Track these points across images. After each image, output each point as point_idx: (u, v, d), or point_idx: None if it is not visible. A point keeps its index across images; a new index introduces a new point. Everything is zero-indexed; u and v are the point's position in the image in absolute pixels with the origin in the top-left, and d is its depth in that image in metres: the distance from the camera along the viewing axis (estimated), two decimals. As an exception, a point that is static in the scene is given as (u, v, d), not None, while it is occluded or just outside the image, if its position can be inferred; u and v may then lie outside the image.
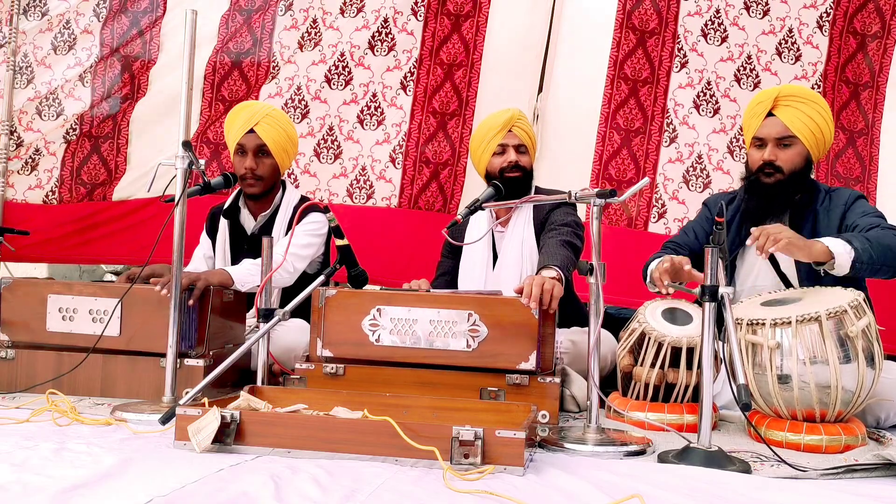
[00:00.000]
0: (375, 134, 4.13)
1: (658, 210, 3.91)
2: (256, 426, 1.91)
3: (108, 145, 4.06)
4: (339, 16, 4.06)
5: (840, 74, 3.77)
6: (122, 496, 1.54)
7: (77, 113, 3.98)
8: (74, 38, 3.99)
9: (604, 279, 2.14)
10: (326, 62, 4.07)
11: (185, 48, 2.43)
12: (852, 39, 3.76)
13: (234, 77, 4.06)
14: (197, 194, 2.62)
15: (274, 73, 4.06)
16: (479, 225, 3.17)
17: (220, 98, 4.07)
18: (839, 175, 3.74)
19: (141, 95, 4.04)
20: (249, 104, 3.33)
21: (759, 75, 3.84)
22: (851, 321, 2.21)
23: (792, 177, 2.73)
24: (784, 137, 2.72)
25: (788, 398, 2.25)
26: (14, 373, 2.70)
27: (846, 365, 2.21)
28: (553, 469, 1.85)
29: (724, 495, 1.69)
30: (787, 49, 3.81)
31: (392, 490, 1.64)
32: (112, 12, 3.99)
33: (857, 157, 3.75)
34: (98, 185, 4.08)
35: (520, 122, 3.09)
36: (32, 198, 4.04)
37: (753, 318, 2.30)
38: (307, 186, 4.15)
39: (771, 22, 3.84)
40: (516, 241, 3.07)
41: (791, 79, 3.81)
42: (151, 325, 2.61)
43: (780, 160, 2.72)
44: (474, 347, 2.44)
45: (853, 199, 2.73)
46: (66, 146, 4.01)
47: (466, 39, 4.07)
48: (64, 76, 3.97)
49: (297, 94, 4.08)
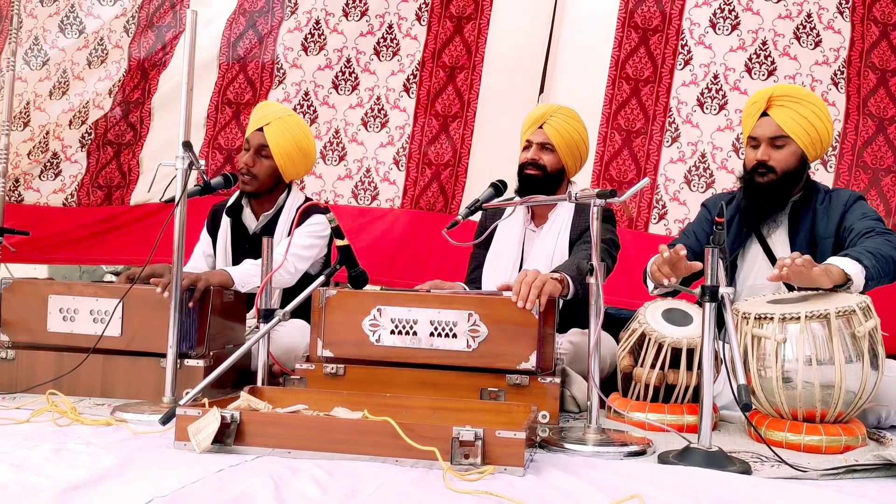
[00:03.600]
0: (379, 136, 4.17)
1: (659, 211, 3.91)
2: (256, 426, 1.91)
3: (127, 152, 4.23)
4: (342, 18, 4.08)
5: (866, 60, 3.67)
6: (122, 496, 1.54)
7: (95, 119, 4.16)
8: (106, 53, 4.15)
9: (604, 279, 2.14)
10: (333, 68, 4.15)
11: (186, 49, 2.43)
12: (874, 27, 3.67)
13: (239, 81, 4.11)
14: (197, 195, 2.62)
15: (280, 77, 4.10)
16: (512, 222, 3.09)
17: (227, 101, 4.11)
18: (866, 165, 3.66)
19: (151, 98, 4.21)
20: (269, 104, 3.39)
21: (774, 62, 3.76)
22: (860, 321, 2.21)
23: (785, 177, 2.74)
24: (777, 137, 2.73)
25: (791, 396, 2.24)
26: (14, 373, 2.70)
27: (851, 365, 2.20)
28: (553, 469, 1.85)
29: (725, 496, 1.69)
30: (805, 34, 3.72)
31: (392, 490, 1.64)
32: (140, 28, 4.13)
33: (889, 146, 3.65)
34: (115, 189, 4.22)
35: (553, 118, 3.03)
36: (54, 201, 4.22)
37: (761, 313, 2.30)
38: (313, 188, 4.21)
39: (787, 6, 3.75)
40: (548, 245, 3.01)
41: (812, 64, 3.72)
42: (152, 326, 2.61)
43: (773, 160, 2.73)
44: (474, 347, 2.43)
45: (853, 200, 2.74)
46: (87, 153, 4.18)
47: (468, 41, 4.08)
48: (95, 89, 4.12)
49: (305, 99, 4.16)
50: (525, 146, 3.08)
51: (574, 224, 3.02)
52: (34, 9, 4.05)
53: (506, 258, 3.08)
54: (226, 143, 4.15)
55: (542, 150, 3.03)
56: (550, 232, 3.03)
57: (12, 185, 4.11)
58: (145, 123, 4.21)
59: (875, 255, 2.40)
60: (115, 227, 4.21)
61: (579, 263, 2.65)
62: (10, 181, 4.01)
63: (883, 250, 2.44)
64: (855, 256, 2.40)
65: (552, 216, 3.06)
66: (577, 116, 3.11)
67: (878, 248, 2.44)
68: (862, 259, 2.38)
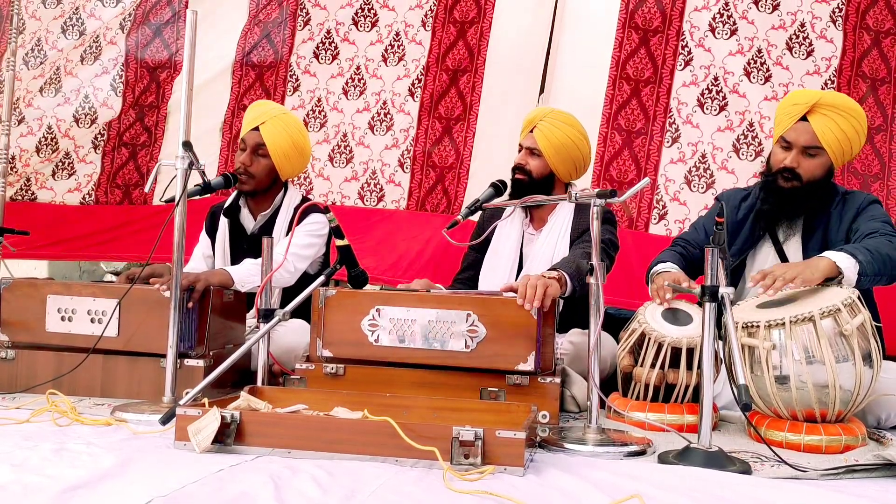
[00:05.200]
0: (385, 139, 4.23)
1: (659, 211, 3.91)
2: (256, 426, 1.91)
3: (143, 153, 4.34)
4: (352, 27, 4.18)
5: (856, 69, 3.68)
6: (122, 496, 1.54)
7: (108, 120, 4.24)
8: (100, 50, 4.21)
9: (604, 279, 2.14)
10: (344, 75, 4.23)
11: (186, 49, 2.43)
12: (866, 35, 3.68)
13: (255, 88, 4.24)
14: (197, 195, 2.62)
15: (294, 83, 4.23)
16: (510, 225, 3.09)
17: (243, 107, 4.24)
18: (856, 172, 3.66)
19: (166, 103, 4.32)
20: (263, 103, 3.39)
21: (769, 69, 3.76)
22: (846, 319, 2.20)
23: (809, 185, 2.68)
24: (811, 147, 2.65)
25: (787, 398, 2.24)
26: (14, 373, 2.70)
27: (843, 364, 2.20)
28: (553, 469, 1.85)
29: (725, 496, 1.69)
30: (798, 44, 3.73)
31: (392, 490, 1.64)
32: (136, 23, 4.20)
33: (876, 154, 3.67)
34: (133, 188, 4.33)
35: (542, 123, 3.00)
36: (70, 200, 4.30)
37: (748, 321, 2.29)
38: (321, 189, 4.28)
39: (781, 16, 3.76)
40: (548, 248, 2.99)
41: (803, 74, 3.73)
42: (150, 326, 2.61)
43: (802, 168, 2.67)
44: (473, 348, 2.42)
45: (866, 203, 2.69)
46: (101, 154, 4.27)
47: (471, 45, 4.12)
48: (92, 84, 4.19)
49: (317, 105, 4.25)
50: (519, 149, 3.08)
51: (574, 226, 3.00)
52: (36, 10, 4.09)
53: (503, 261, 3.06)
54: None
55: (529, 155, 3.02)
56: (550, 235, 3.02)
57: (24, 184, 4.18)
58: (160, 127, 4.33)
59: (872, 252, 2.39)
60: (134, 224, 4.32)
61: (578, 262, 2.64)
62: (21, 179, 4.08)
63: (882, 249, 2.42)
64: (850, 251, 2.39)
65: (551, 219, 3.05)
66: (571, 121, 3.04)
67: (876, 247, 2.43)
68: (856, 254, 2.37)
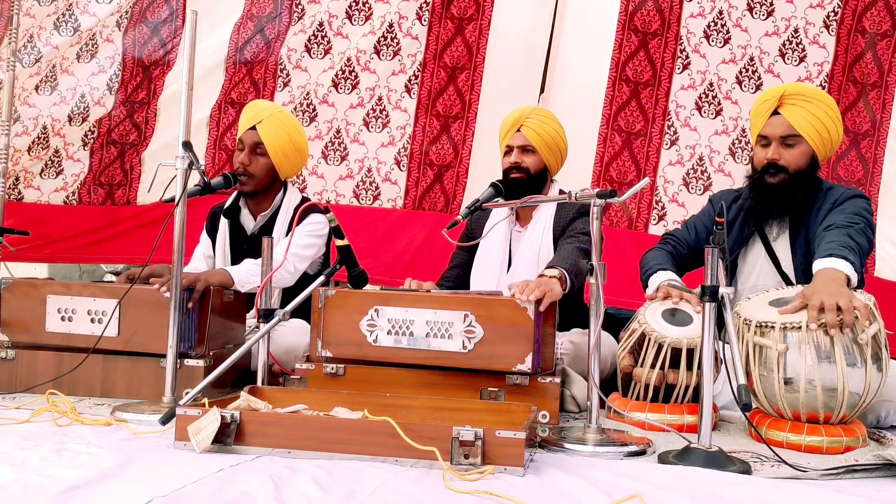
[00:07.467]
0: (381, 136, 4.17)
1: (658, 212, 3.92)
2: (256, 426, 1.91)
3: (131, 151, 4.21)
4: (345, 20, 4.10)
5: (847, 74, 3.70)
6: (122, 496, 1.54)
7: (98, 118, 4.12)
8: (97, 48, 4.11)
9: (604, 279, 2.14)
10: (334, 67, 4.13)
11: (186, 49, 2.43)
12: (860, 38, 3.69)
13: (244, 83, 4.14)
14: (197, 195, 2.62)
15: (284, 79, 4.11)
16: (498, 224, 3.10)
17: (230, 102, 4.13)
18: (840, 178, 3.69)
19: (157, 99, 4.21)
20: (260, 102, 3.37)
21: (761, 77, 3.80)
22: (862, 327, 2.19)
23: (796, 176, 2.70)
24: (788, 136, 2.69)
25: (793, 400, 2.24)
26: (14, 373, 2.70)
27: (854, 369, 2.19)
28: (553, 469, 1.85)
29: (725, 495, 1.69)
30: (790, 50, 3.76)
31: (392, 490, 1.64)
32: (133, 21, 4.11)
33: (861, 160, 3.69)
34: (117, 187, 4.21)
35: (529, 120, 3.02)
36: (55, 199, 4.19)
37: (762, 321, 2.28)
38: (315, 188, 4.21)
39: (775, 23, 3.79)
40: (533, 245, 3.02)
41: (794, 80, 3.74)
42: (150, 326, 2.60)
43: (784, 159, 2.70)
44: (470, 348, 2.41)
45: (844, 198, 2.70)
46: (90, 151, 4.16)
47: (469, 42, 4.09)
48: (89, 83, 4.08)
49: (305, 98, 4.15)
50: (506, 151, 3.07)
51: (556, 221, 3.03)
52: (31, 7, 4.04)
53: (493, 259, 3.09)
54: (231, 144, 4.15)
55: (523, 153, 3.03)
56: (535, 231, 3.05)
57: (12, 183, 4.08)
58: (150, 124, 4.19)
59: (848, 248, 2.40)
60: (119, 225, 4.22)
61: (576, 259, 2.66)
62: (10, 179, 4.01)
63: (852, 239, 2.45)
64: (839, 255, 2.38)
65: (535, 215, 3.08)
66: (552, 116, 3.11)
67: (843, 240, 2.44)
68: (848, 256, 2.37)
